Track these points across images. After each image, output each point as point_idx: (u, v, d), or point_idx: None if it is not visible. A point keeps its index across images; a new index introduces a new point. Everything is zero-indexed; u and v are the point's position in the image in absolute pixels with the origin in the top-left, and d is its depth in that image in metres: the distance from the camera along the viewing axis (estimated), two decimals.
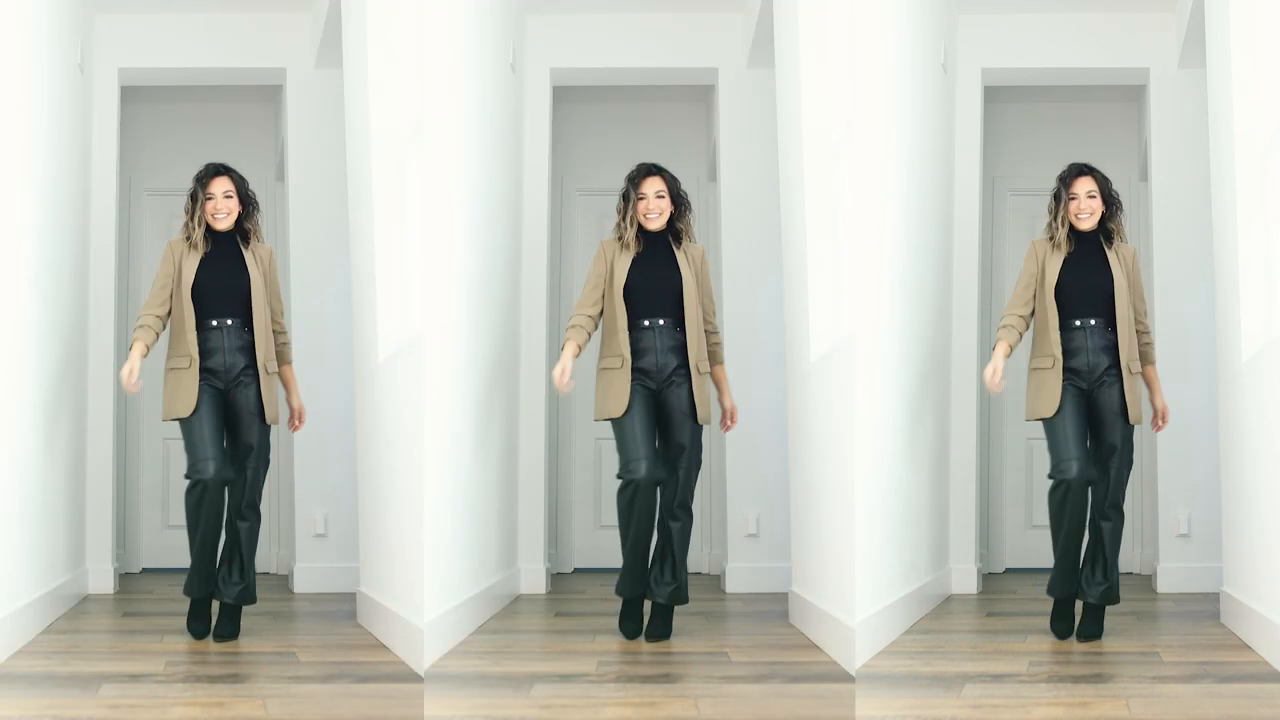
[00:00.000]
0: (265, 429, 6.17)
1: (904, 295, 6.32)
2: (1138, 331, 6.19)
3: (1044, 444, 6.11)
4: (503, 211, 6.86)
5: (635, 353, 6.10)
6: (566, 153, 7.94)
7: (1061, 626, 6.08)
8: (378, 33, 6.10)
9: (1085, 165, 6.22)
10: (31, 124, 6.23)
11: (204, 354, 6.07)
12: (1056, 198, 6.18)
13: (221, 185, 6.15)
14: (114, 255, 7.34)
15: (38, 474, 6.28)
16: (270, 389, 6.14)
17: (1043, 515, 8.07)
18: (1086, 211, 6.13)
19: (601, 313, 6.16)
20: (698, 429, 6.16)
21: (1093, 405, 6.11)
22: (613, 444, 6.21)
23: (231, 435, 6.13)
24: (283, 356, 6.30)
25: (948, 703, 5.06)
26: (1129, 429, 6.12)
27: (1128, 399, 6.06)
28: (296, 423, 6.43)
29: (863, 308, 5.77)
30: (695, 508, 7.96)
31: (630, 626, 6.09)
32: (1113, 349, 6.10)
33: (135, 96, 7.69)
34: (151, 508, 7.99)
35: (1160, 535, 7.44)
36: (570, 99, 7.87)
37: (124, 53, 7.34)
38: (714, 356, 6.28)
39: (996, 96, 7.79)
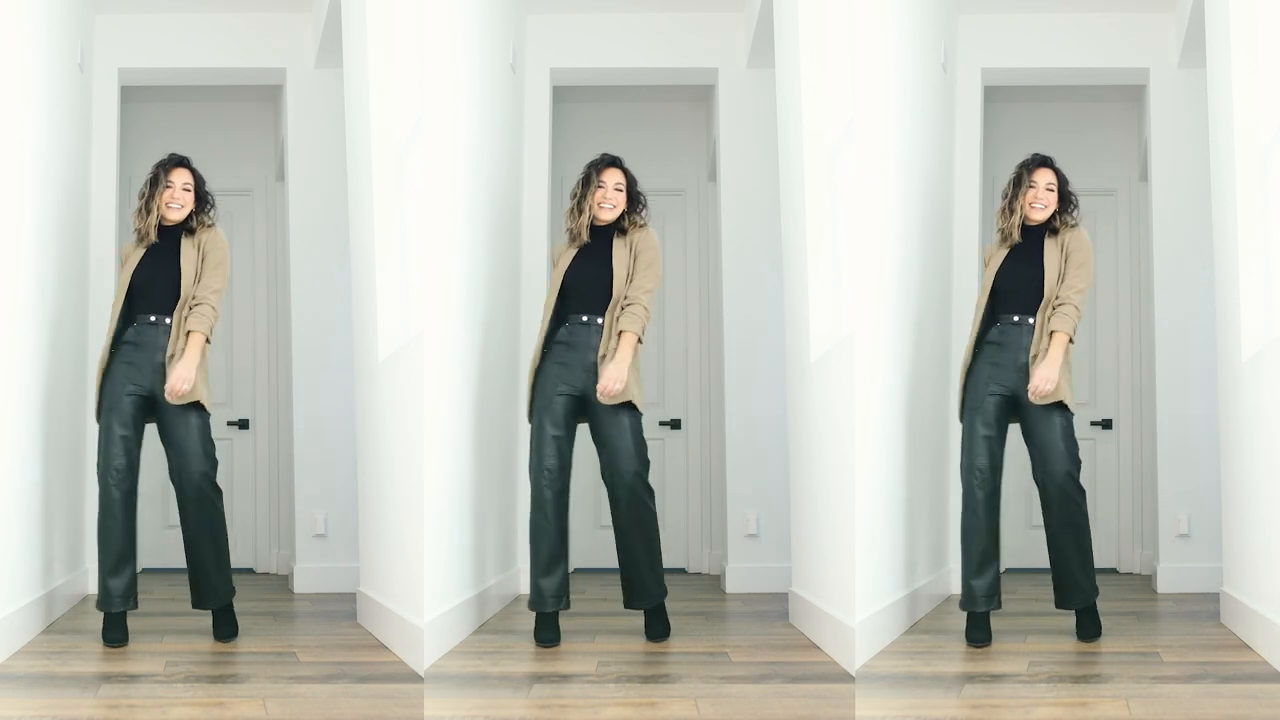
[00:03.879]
0: (196, 416, 6.00)
1: (904, 295, 6.32)
2: (1058, 304, 5.94)
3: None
4: (503, 211, 6.86)
5: (566, 345, 6.05)
6: (566, 153, 7.94)
7: (980, 635, 6.02)
8: (378, 33, 6.10)
9: (1047, 157, 6.13)
10: (31, 124, 6.23)
11: (134, 347, 6.01)
12: (1016, 183, 6.08)
13: (181, 177, 6.07)
14: (114, 255, 7.34)
15: (37, 474, 6.28)
16: (172, 369, 5.92)
17: (1041, 516, 8.07)
18: (1042, 203, 6.05)
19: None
20: (633, 419, 6.01)
21: (1019, 404, 6.02)
22: None
23: (165, 432, 6.05)
24: (190, 323, 5.93)
25: (948, 703, 5.06)
26: (1065, 419, 5.97)
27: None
28: (171, 392, 5.93)
29: (863, 308, 5.77)
30: (696, 507, 7.98)
31: (549, 635, 6.01)
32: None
33: (135, 96, 7.69)
34: (151, 508, 7.99)
35: (1160, 535, 7.44)
36: (570, 99, 7.87)
37: (124, 53, 7.34)
38: (620, 321, 5.98)
39: (996, 96, 7.79)
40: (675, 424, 8.07)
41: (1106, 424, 8.04)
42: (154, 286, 6.00)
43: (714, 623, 6.49)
